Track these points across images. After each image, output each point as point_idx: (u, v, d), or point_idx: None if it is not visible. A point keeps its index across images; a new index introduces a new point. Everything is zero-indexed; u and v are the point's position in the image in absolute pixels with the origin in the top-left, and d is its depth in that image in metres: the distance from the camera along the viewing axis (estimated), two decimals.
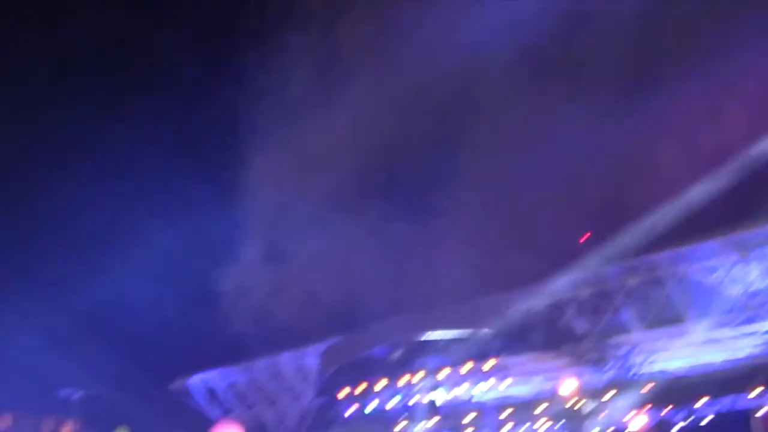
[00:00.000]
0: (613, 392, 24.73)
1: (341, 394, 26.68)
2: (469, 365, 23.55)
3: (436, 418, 27.14)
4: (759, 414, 22.85)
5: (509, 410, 27.81)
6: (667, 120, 23.94)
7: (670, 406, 25.60)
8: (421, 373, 24.60)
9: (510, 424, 28.62)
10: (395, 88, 26.66)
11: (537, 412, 26.86)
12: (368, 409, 26.07)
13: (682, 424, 26.23)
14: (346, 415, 26.62)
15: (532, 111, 26.05)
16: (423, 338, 24.13)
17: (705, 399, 25.14)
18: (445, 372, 24.25)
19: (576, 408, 25.66)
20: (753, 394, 22.57)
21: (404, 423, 28.67)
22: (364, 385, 25.76)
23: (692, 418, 26.10)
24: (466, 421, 28.11)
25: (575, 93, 25.48)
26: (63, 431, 55.62)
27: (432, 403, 25.13)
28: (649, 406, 24.67)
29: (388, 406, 25.89)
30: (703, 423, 25.45)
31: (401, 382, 24.64)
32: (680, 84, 23.01)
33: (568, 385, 24.19)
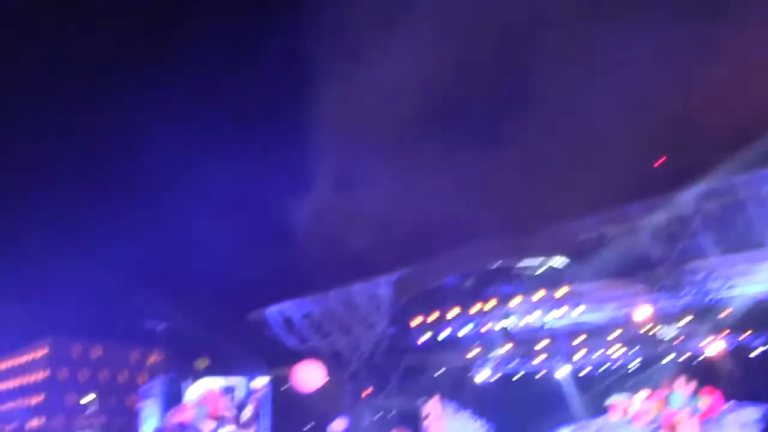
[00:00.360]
0: (689, 318, 24.45)
1: (414, 323, 27.09)
2: (542, 293, 23.47)
3: (509, 345, 27.39)
4: None
5: (582, 337, 27.86)
6: (744, 39, 22.92)
7: (749, 332, 25.20)
8: (493, 301, 24.69)
9: (583, 351, 28.73)
10: (461, 13, 26.17)
11: (610, 338, 26.83)
12: (441, 337, 26.44)
13: (761, 349, 25.86)
14: (420, 342, 27.07)
15: (602, 34, 25.28)
16: (494, 267, 24.14)
17: None
18: (517, 300, 24.28)
19: (650, 334, 25.53)
20: None
21: (477, 350, 29.07)
22: (436, 314, 26.05)
23: None
24: (538, 347, 28.32)
25: (648, 13, 24.58)
26: (149, 361, 58.61)
27: (504, 330, 25.30)
28: (727, 331, 24.35)
29: (461, 333, 26.20)
30: None
31: (473, 310, 24.80)
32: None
33: (642, 312, 23.96)
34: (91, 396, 50.97)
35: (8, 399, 72.27)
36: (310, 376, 14.30)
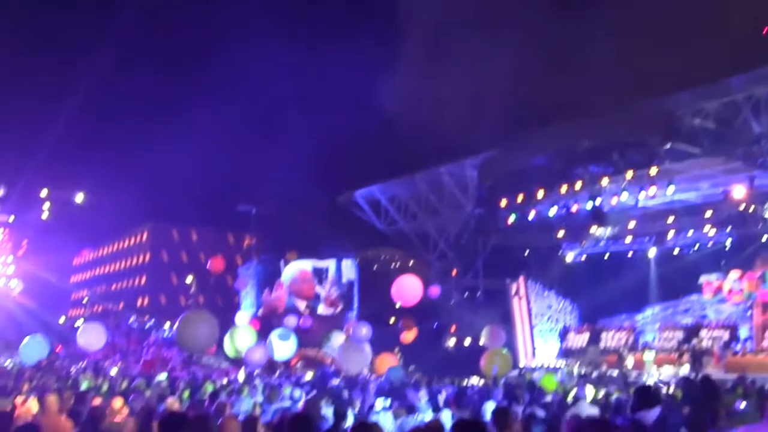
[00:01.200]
0: None
1: (502, 204, 27.01)
2: (634, 171, 22.83)
3: (599, 225, 27.14)
4: None
5: (675, 216, 27.36)
6: None
7: None
8: (583, 181, 24.26)
9: (675, 230, 28.27)
10: None
11: (705, 217, 26.23)
12: (530, 217, 26.34)
13: None
14: (508, 223, 27.09)
15: None
16: (585, 145, 23.54)
17: None
18: (608, 179, 23.76)
19: (746, 212, 24.77)
20: None
21: (565, 230, 28.98)
22: (524, 194, 25.86)
23: None
24: (629, 227, 27.98)
25: None
26: (244, 244, 61.10)
27: (594, 210, 24.94)
28: None
29: (550, 213, 26.04)
30: None
31: (563, 190, 24.46)
32: None
33: (739, 190, 23.21)
34: (191, 277, 53.66)
35: (116, 280, 77.19)
36: (410, 289, 14.53)
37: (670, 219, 27.53)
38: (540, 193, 25.45)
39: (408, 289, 14.41)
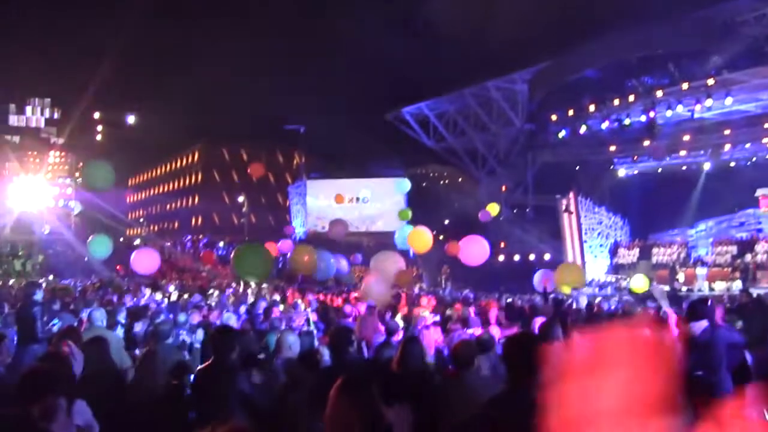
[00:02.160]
0: None
1: (552, 118, 26.57)
2: (690, 82, 22.11)
3: (652, 138, 26.54)
4: None
5: (731, 128, 26.51)
6: None
7: None
8: (637, 94, 23.63)
9: (731, 143, 27.47)
10: None
11: (764, 128, 25.37)
12: (581, 132, 25.87)
13: None
14: (559, 137, 26.67)
15: None
16: (639, 56, 22.82)
17: None
18: (663, 91, 23.09)
19: None
20: None
21: (618, 144, 28.43)
22: (575, 108, 25.35)
23: None
24: (684, 140, 27.27)
25: None
26: (293, 162, 61.69)
27: (648, 122, 24.37)
28: None
29: (602, 127, 25.52)
30: None
31: (615, 103, 23.88)
32: None
33: None
34: (242, 196, 54.55)
35: (170, 200, 78.76)
36: (475, 251, 14.40)
37: (727, 131, 26.69)
38: (591, 107, 24.92)
39: (475, 252, 14.36)
